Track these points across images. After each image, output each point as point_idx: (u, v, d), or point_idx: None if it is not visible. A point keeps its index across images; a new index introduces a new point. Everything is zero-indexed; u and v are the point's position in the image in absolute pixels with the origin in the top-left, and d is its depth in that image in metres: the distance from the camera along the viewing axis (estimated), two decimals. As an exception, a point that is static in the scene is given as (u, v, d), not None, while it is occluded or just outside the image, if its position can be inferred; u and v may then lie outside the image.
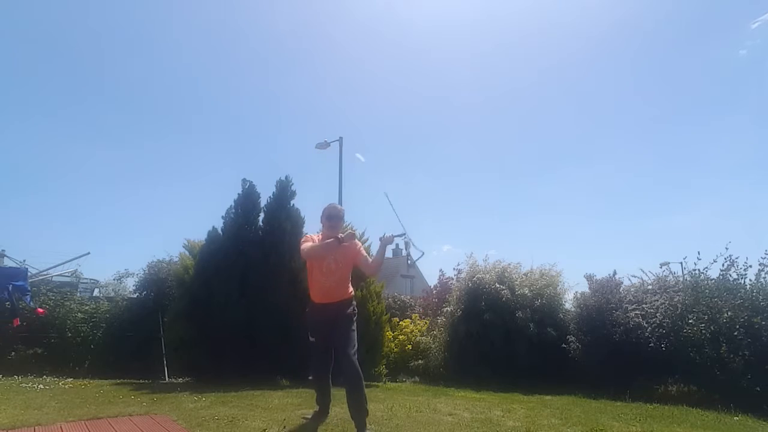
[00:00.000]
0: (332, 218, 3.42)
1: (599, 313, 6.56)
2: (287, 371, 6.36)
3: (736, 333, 5.34)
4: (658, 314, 6.14)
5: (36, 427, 3.44)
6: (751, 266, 5.87)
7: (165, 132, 48.30)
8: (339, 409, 3.71)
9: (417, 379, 7.76)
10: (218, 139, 50.61)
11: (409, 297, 12.21)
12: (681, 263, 6.97)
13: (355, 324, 3.42)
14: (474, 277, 7.68)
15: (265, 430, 3.38)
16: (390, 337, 8.19)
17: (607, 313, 6.49)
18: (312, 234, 3.64)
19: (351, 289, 3.54)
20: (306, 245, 3.28)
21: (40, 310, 8.59)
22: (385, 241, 3.28)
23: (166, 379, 7.67)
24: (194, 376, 6.62)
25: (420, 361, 8.09)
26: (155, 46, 41.65)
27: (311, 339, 3.45)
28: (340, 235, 3.24)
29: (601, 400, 5.36)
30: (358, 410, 3.11)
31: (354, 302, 3.52)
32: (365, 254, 3.45)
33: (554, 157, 48.31)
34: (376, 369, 7.16)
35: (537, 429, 3.68)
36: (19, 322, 8.26)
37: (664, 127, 42.74)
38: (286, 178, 7.39)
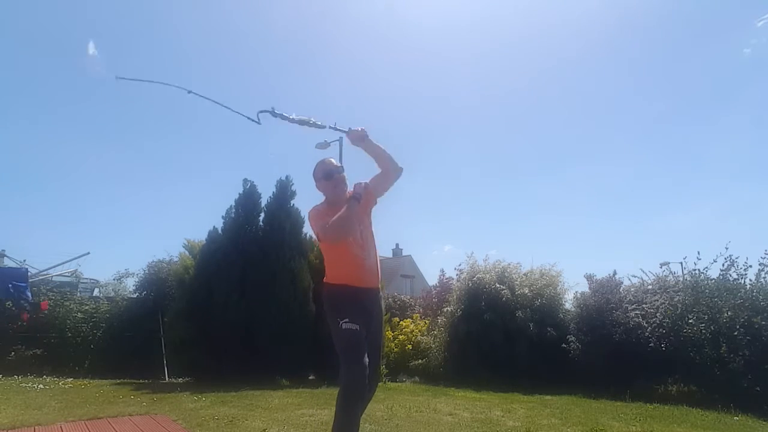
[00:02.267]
0: (330, 174, 2.49)
1: (599, 313, 6.56)
2: (287, 371, 6.36)
3: (736, 333, 5.34)
4: (658, 314, 6.13)
5: (36, 427, 3.44)
6: (751, 266, 5.87)
7: (165, 132, 48.31)
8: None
9: (417, 379, 7.76)
10: (218, 139, 50.64)
11: (409, 297, 12.22)
12: (681, 263, 6.98)
13: None
14: (474, 276, 7.68)
15: (265, 430, 3.38)
16: (390, 337, 8.18)
17: (607, 313, 6.48)
18: (318, 206, 2.53)
19: None
20: (325, 222, 2.30)
21: (44, 304, 8.60)
22: (359, 138, 2.45)
23: (166, 379, 7.67)
24: (194, 376, 6.62)
25: (420, 361, 8.09)
26: (155, 46, 41.67)
27: (348, 326, 2.26)
28: (350, 191, 2.38)
29: (601, 400, 5.36)
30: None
31: None
32: (367, 181, 2.53)
33: (554, 157, 48.33)
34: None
35: (537, 429, 3.68)
36: (27, 316, 8.32)
37: (665, 126, 42.69)
38: (286, 178, 7.40)
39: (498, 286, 7.38)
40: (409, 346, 8.33)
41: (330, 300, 2.43)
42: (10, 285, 8.33)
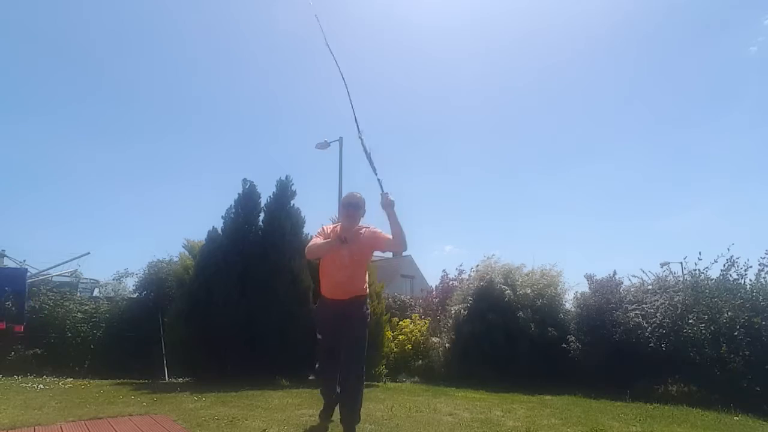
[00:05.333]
0: (348, 206, 3.14)
1: (599, 313, 6.56)
2: (287, 371, 6.36)
3: (736, 333, 5.34)
4: (658, 314, 6.13)
5: (36, 427, 3.44)
6: (751, 266, 5.87)
7: (165, 132, 48.39)
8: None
9: (417, 379, 7.75)
10: (218, 138, 50.68)
11: (409, 297, 12.20)
12: (681, 263, 6.98)
13: (366, 329, 3.16)
14: (486, 277, 7.69)
15: (265, 430, 3.38)
16: (390, 337, 8.18)
17: (607, 313, 6.48)
18: (327, 225, 3.37)
19: (366, 285, 3.26)
20: (310, 244, 3.16)
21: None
22: (387, 205, 2.94)
23: (166, 379, 7.67)
24: (194, 376, 6.62)
25: (420, 362, 8.09)
26: (155, 46, 41.71)
27: (318, 336, 3.27)
28: (345, 235, 3.07)
29: (601, 400, 5.36)
30: (350, 424, 3.06)
31: (368, 301, 3.29)
32: (385, 235, 3.11)
33: (555, 157, 48.38)
34: (376, 369, 7.16)
35: (537, 429, 3.68)
36: (22, 329, 8.25)
37: (667, 126, 42.68)
38: (286, 178, 7.40)
39: (502, 287, 7.39)
40: (409, 346, 8.33)
41: (315, 313, 3.46)
42: (7, 288, 8.30)
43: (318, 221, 11.03)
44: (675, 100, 42.45)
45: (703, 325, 5.63)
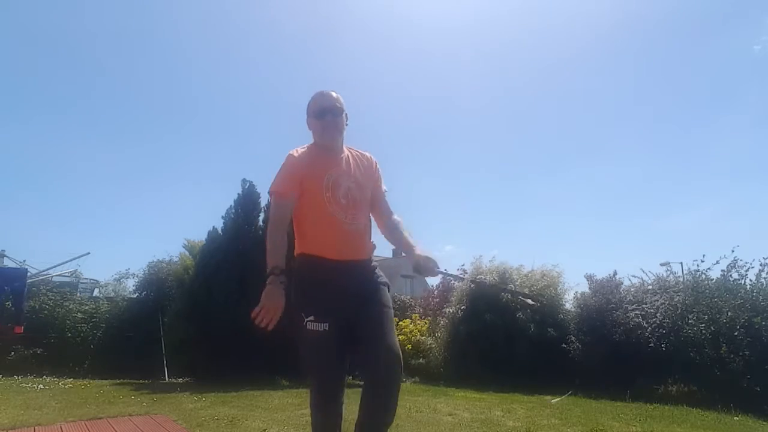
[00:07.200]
0: (323, 114, 1.88)
1: (599, 313, 6.56)
2: (287, 371, 6.37)
3: (736, 333, 5.34)
4: (658, 314, 6.13)
5: (36, 427, 3.44)
6: (752, 266, 5.87)
7: (164, 132, 48.41)
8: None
9: (417, 379, 7.76)
10: (218, 138, 50.69)
11: (409, 297, 12.20)
12: (681, 263, 6.99)
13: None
14: (477, 278, 7.69)
15: (265, 430, 3.38)
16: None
17: (607, 313, 6.48)
18: (300, 148, 1.94)
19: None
20: (285, 185, 1.86)
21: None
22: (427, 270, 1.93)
23: (166, 379, 7.67)
24: (194, 376, 6.62)
25: (420, 360, 8.09)
26: (154, 46, 41.74)
27: (313, 326, 1.80)
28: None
29: (601, 400, 5.36)
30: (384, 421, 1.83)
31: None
32: (384, 208, 2.06)
33: (555, 157, 48.37)
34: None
35: (537, 429, 3.68)
36: (22, 330, 8.26)
37: (668, 126, 42.55)
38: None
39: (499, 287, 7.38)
40: (409, 346, 8.33)
41: (298, 282, 1.89)
42: (6, 287, 8.32)
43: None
44: (676, 99, 42.38)
45: (703, 325, 5.63)
